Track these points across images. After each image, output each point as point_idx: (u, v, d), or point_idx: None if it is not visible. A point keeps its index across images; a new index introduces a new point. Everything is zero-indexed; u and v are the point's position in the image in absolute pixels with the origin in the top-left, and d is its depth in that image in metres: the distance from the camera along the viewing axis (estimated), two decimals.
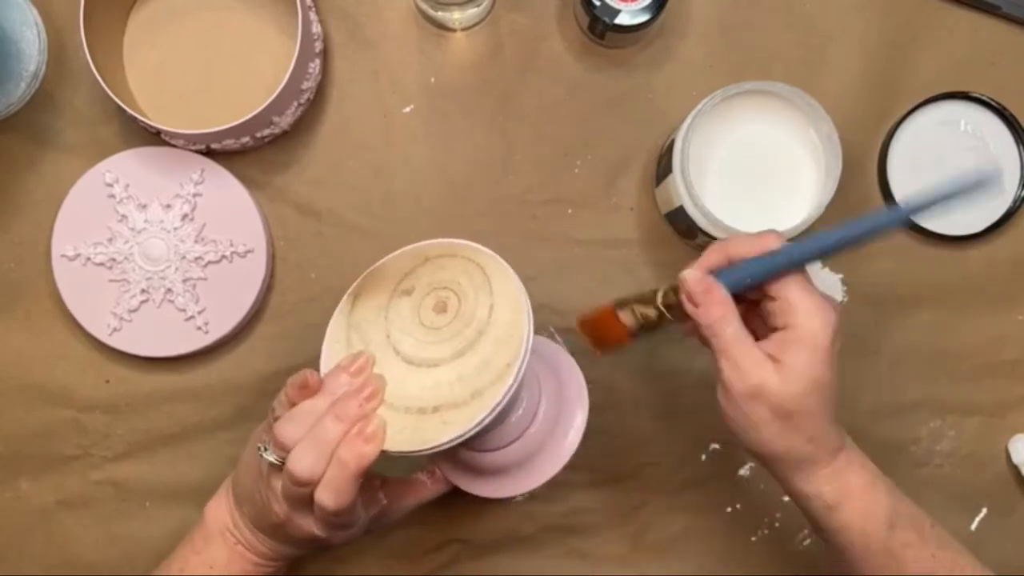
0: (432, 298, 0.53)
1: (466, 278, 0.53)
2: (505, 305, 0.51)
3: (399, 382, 0.51)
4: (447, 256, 0.55)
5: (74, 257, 0.66)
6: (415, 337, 0.52)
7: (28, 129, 0.68)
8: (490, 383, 0.49)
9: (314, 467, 0.49)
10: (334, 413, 0.50)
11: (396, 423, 0.50)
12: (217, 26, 0.67)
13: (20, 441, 0.69)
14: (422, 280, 0.55)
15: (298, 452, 0.49)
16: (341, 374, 0.52)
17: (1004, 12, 0.68)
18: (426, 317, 0.53)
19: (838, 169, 0.60)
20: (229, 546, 0.56)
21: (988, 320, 0.69)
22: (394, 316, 0.54)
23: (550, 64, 0.68)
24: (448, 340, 0.51)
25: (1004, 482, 0.70)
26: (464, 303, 0.52)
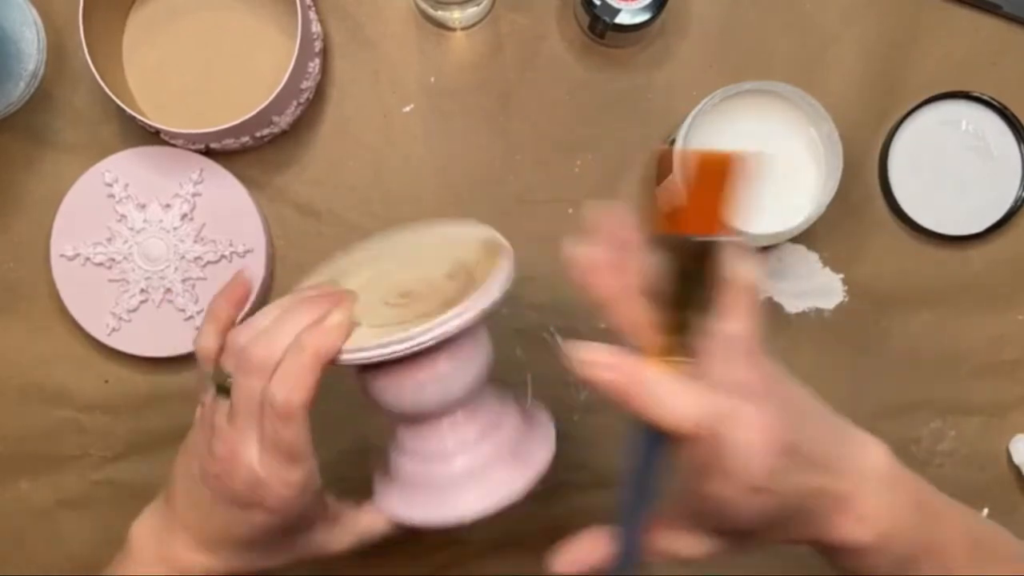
0: (394, 288, 0.51)
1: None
2: (481, 253, 0.51)
3: None
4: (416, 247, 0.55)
5: (73, 257, 0.66)
6: (379, 315, 0.49)
7: (27, 129, 0.68)
8: (461, 293, 0.47)
9: (271, 350, 0.45)
10: (299, 303, 0.46)
11: (359, 332, 0.47)
12: (217, 26, 0.67)
13: (20, 441, 0.69)
14: (385, 276, 0.53)
15: (254, 340, 0.45)
16: (309, 289, 0.50)
17: (1005, 12, 0.67)
18: (392, 300, 0.50)
19: (839, 169, 0.60)
20: (147, 568, 0.51)
21: (988, 320, 0.69)
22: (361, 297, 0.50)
23: (550, 64, 0.68)
24: (414, 309, 0.48)
25: (1005, 482, 0.70)
26: (435, 290, 0.49)
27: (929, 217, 0.68)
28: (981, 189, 0.68)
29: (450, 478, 0.50)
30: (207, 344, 0.49)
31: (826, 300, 0.69)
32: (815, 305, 0.69)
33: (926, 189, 0.68)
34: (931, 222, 0.67)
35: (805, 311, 0.69)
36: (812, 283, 0.69)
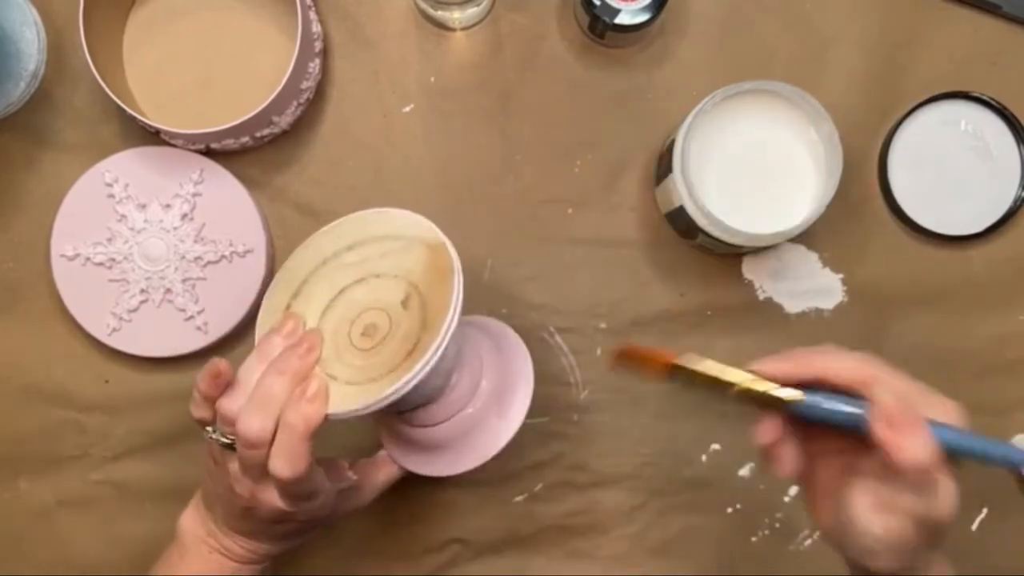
0: (359, 324, 0.53)
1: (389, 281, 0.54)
2: (431, 269, 0.52)
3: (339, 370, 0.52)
4: (360, 244, 0.56)
5: (73, 257, 0.66)
6: (350, 364, 0.52)
7: (27, 129, 0.68)
8: (425, 340, 0.50)
9: (262, 426, 0.48)
10: (274, 368, 0.50)
11: (337, 390, 0.50)
12: (217, 26, 0.67)
13: (20, 441, 0.69)
14: (346, 296, 0.55)
15: (244, 414, 0.49)
16: (274, 337, 0.52)
17: (1004, 12, 0.67)
18: (357, 341, 0.53)
19: (839, 169, 0.60)
20: (204, 556, 0.56)
21: (988, 320, 0.69)
22: (328, 337, 0.53)
23: (550, 64, 0.68)
24: (380, 354, 0.51)
25: (1005, 482, 0.69)
26: (393, 323, 0.52)
27: (929, 217, 0.68)
28: (981, 189, 0.68)
29: (448, 439, 0.56)
30: (202, 415, 0.52)
31: (826, 300, 0.69)
32: (815, 305, 0.69)
33: (926, 189, 0.68)
34: (931, 222, 0.67)
35: (805, 311, 0.69)
36: (812, 283, 0.69)
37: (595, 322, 0.69)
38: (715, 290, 0.69)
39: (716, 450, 0.69)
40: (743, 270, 0.69)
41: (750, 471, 0.69)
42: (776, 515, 0.69)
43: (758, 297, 0.69)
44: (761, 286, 0.69)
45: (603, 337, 0.69)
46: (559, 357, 0.69)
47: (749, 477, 0.69)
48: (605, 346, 0.69)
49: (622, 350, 0.51)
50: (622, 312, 0.69)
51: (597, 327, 0.69)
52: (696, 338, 0.69)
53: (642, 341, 0.68)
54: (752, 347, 0.69)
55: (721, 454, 0.69)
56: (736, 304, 0.69)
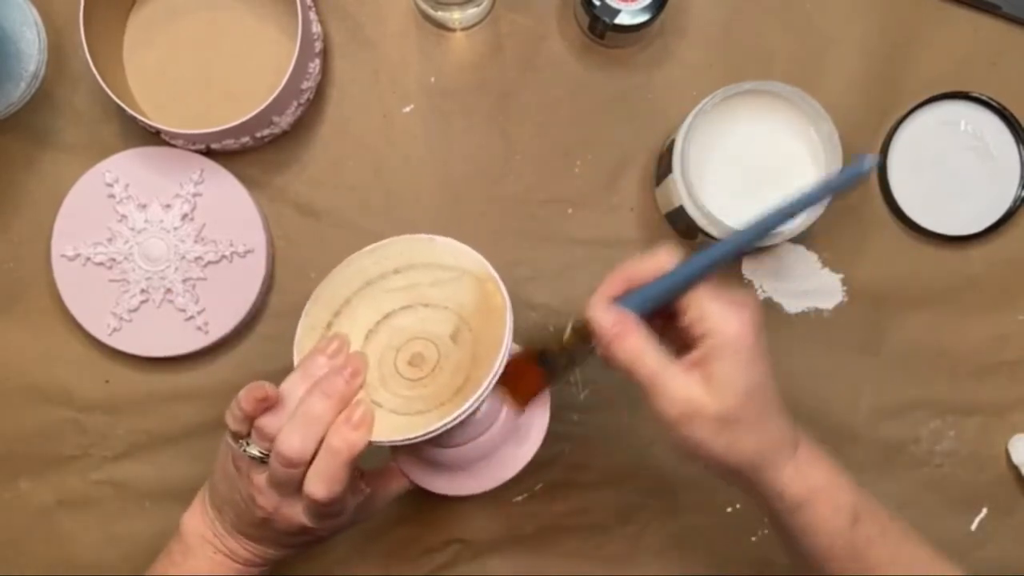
0: (405, 352, 0.53)
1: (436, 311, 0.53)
2: (481, 304, 0.52)
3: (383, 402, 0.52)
4: (407, 269, 0.55)
5: (74, 257, 0.66)
6: (396, 393, 0.52)
7: (28, 129, 0.68)
8: (476, 376, 0.49)
9: (303, 446, 0.49)
10: (320, 390, 0.49)
11: (381, 417, 0.50)
12: (217, 26, 0.67)
13: (20, 441, 0.69)
14: (391, 322, 0.54)
15: (286, 432, 0.49)
16: (318, 356, 0.52)
17: (1004, 12, 0.68)
18: (403, 370, 0.53)
19: (838, 169, 0.60)
20: (208, 556, 0.56)
21: (988, 320, 0.69)
22: (373, 363, 0.53)
23: (550, 64, 0.68)
24: (429, 386, 0.51)
25: (1004, 482, 0.70)
26: (442, 356, 0.52)
27: (928, 217, 0.68)
28: (980, 189, 0.68)
29: (466, 460, 0.56)
30: (237, 428, 0.52)
31: (825, 300, 0.69)
32: (814, 305, 0.69)
33: (925, 189, 0.68)
34: (930, 222, 0.68)
35: (805, 311, 0.69)
36: (811, 283, 0.69)
37: None
38: None
39: None
40: (743, 270, 0.69)
41: None
42: None
43: (758, 297, 0.69)
44: (761, 286, 0.69)
45: None
46: None
47: None
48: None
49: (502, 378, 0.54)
50: None
51: None
52: None
53: None
54: None
55: None
56: None
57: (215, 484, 0.56)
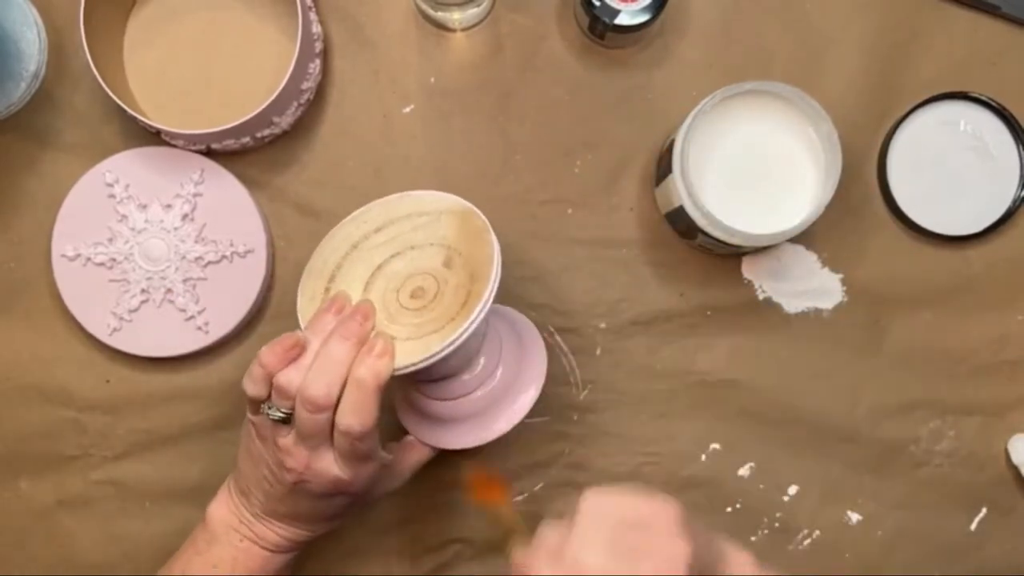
0: (406, 289, 0.55)
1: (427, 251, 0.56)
2: (463, 231, 0.56)
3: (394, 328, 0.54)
4: (387, 225, 0.58)
5: (74, 257, 0.66)
6: (407, 324, 0.54)
7: (28, 129, 0.68)
8: (477, 288, 0.53)
9: (330, 387, 0.50)
10: (337, 334, 0.51)
11: (398, 347, 0.52)
12: (217, 26, 0.67)
13: (20, 441, 0.69)
14: (385, 270, 0.57)
15: (311, 377, 0.50)
16: (325, 315, 0.53)
17: (1004, 12, 0.68)
18: (407, 303, 0.55)
19: (838, 169, 0.60)
20: (234, 543, 0.56)
21: (988, 320, 0.69)
22: (378, 306, 0.55)
23: (550, 64, 0.68)
24: (436, 309, 0.54)
25: (1004, 482, 0.70)
26: (441, 282, 0.55)
27: (928, 217, 0.68)
28: (980, 189, 0.68)
29: (476, 409, 0.58)
30: (257, 392, 0.53)
31: (825, 300, 0.69)
32: (814, 305, 0.69)
33: (925, 189, 0.68)
34: (930, 222, 0.68)
35: (804, 311, 0.69)
36: (811, 283, 0.69)
37: (595, 322, 0.69)
38: (715, 290, 0.69)
39: (716, 450, 0.69)
40: (743, 270, 0.69)
41: (750, 471, 0.69)
42: (776, 515, 0.69)
43: (758, 297, 0.69)
44: (761, 286, 0.69)
45: (603, 337, 0.69)
46: (559, 357, 0.69)
47: (749, 477, 0.69)
48: (605, 346, 0.69)
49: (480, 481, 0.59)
50: (622, 312, 0.69)
51: (597, 327, 0.69)
52: (696, 338, 0.69)
53: (642, 341, 0.69)
54: (752, 347, 0.69)
55: (721, 454, 0.69)
56: (736, 304, 0.69)
57: (239, 468, 0.56)
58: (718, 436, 0.69)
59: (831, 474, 0.69)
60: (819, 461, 0.69)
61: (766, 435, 0.69)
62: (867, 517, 0.69)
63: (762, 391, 0.69)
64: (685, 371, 0.69)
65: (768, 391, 0.69)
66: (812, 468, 0.69)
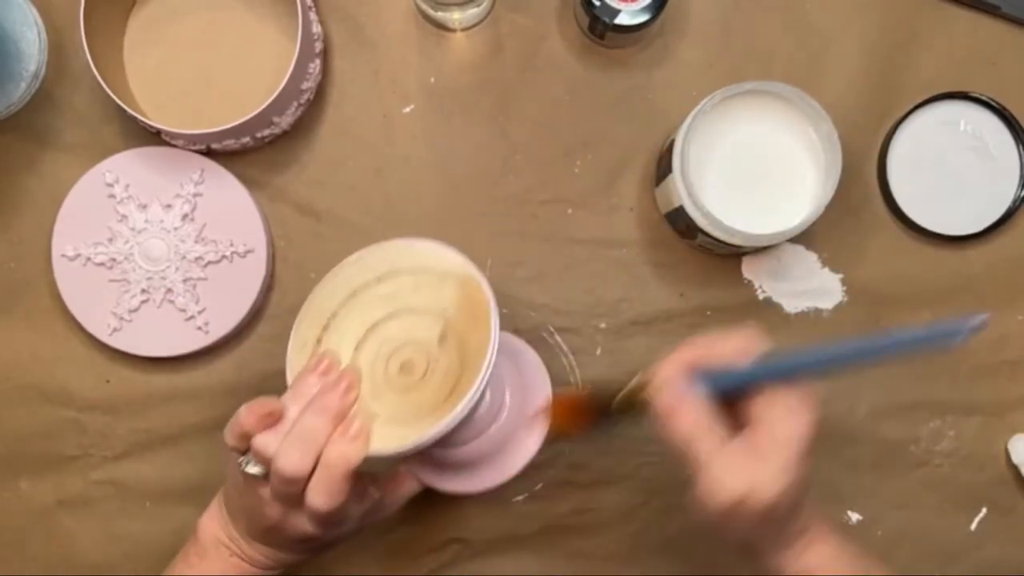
0: (395, 360, 0.53)
1: (422, 317, 0.53)
2: (465, 306, 0.52)
3: (380, 407, 0.52)
4: (390, 276, 0.55)
5: (74, 257, 0.66)
6: (389, 402, 0.52)
7: (28, 129, 0.68)
8: (465, 380, 0.49)
9: (301, 463, 0.48)
10: (313, 407, 0.49)
11: (377, 428, 0.50)
12: (217, 26, 0.67)
13: (20, 441, 0.69)
14: (379, 332, 0.54)
15: (283, 450, 0.49)
16: (309, 376, 0.52)
17: (1004, 12, 0.68)
18: (394, 378, 0.52)
19: (838, 169, 0.60)
20: (224, 559, 0.56)
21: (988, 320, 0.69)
22: (365, 374, 0.53)
23: (550, 64, 0.68)
24: (421, 392, 0.51)
25: (1004, 482, 0.70)
26: (431, 361, 0.52)
27: (928, 217, 0.68)
28: (980, 189, 0.68)
29: (472, 458, 0.57)
30: (235, 445, 0.52)
31: (825, 300, 0.69)
32: (814, 305, 0.69)
33: (925, 189, 0.68)
34: (930, 222, 0.68)
35: (804, 311, 0.69)
36: (811, 283, 0.69)
37: (595, 322, 0.69)
38: (715, 290, 0.69)
39: None
40: (743, 270, 0.69)
41: None
42: None
43: (758, 297, 0.69)
44: (761, 286, 0.69)
45: (603, 337, 0.69)
46: (559, 357, 0.69)
47: None
48: (605, 346, 0.69)
49: (545, 407, 0.56)
50: (622, 312, 0.69)
51: (597, 327, 0.69)
52: None
53: (641, 341, 0.69)
54: None
55: None
56: (736, 304, 0.69)
57: (228, 491, 0.56)
58: None
59: (831, 474, 0.69)
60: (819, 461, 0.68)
61: None
62: (867, 517, 0.69)
63: None
64: None
65: None
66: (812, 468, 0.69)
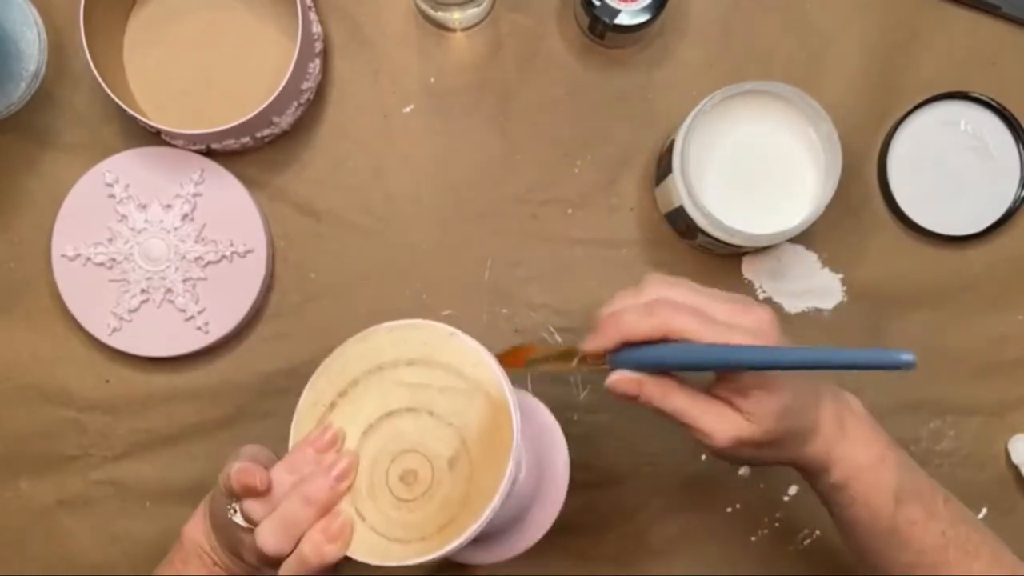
0: (399, 464, 0.50)
1: (432, 428, 0.50)
2: (486, 435, 0.49)
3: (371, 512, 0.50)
4: (422, 363, 0.52)
5: (74, 257, 0.66)
6: (381, 510, 0.50)
7: (28, 129, 0.68)
8: (462, 520, 0.47)
9: (280, 547, 0.48)
10: (302, 494, 0.48)
11: (361, 533, 0.49)
12: (217, 26, 0.67)
13: (20, 441, 0.69)
14: (393, 422, 0.51)
15: (265, 529, 0.48)
16: (307, 448, 0.50)
17: (1004, 12, 0.68)
18: (394, 485, 0.50)
19: (838, 169, 0.60)
20: (207, 567, 0.56)
21: (988, 320, 0.69)
22: (365, 467, 0.50)
23: (550, 64, 0.68)
24: (415, 513, 0.49)
25: (1004, 482, 0.70)
26: (435, 481, 0.49)
27: (928, 217, 0.68)
28: (980, 189, 0.68)
29: (494, 529, 0.55)
30: (226, 492, 0.51)
31: (825, 300, 0.69)
32: (814, 305, 0.69)
33: (925, 189, 0.68)
34: (930, 222, 0.68)
35: (804, 311, 0.69)
36: (811, 283, 0.69)
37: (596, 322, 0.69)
38: None
39: None
40: (743, 270, 0.69)
41: (750, 471, 0.69)
42: (776, 515, 0.69)
43: (758, 297, 0.69)
44: (761, 286, 0.69)
45: None
46: None
47: (749, 477, 0.69)
48: None
49: (500, 355, 0.55)
50: None
51: None
52: None
53: None
54: None
55: None
56: None
57: (213, 506, 0.56)
58: None
59: None
60: None
61: None
62: None
63: None
64: None
65: None
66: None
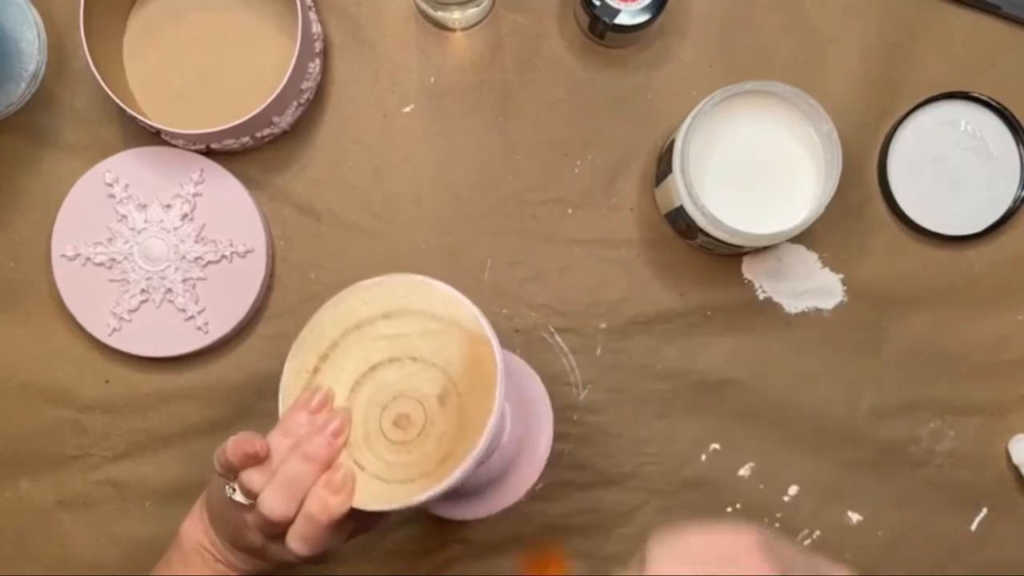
0: (391, 411, 0.51)
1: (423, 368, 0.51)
2: (470, 367, 0.49)
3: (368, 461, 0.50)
4: (397, 315, 0.52)
5: (74, 257, 0.66)
6: (379, 456, 0.50)
7: (28, 129, 0.68)
8: (460, 450, 0.48)
9: (285, 510, 0.48)
10: (301, 453, 0.48)
11: (363, 483, 0.49)
12: (217, 26, 0.67)
13: (20, 441, 0.69)
14: (378, 375, 0.51)
15: (268, 495, 0.48)
16: (300, 412, 0.50)
17: (1004, 12, 0.68)
18: (388, 431, 0.50)
19: (838, 169, 0.60)
20: (209, 565, 0.55)
21: (988, 320, 0.69)
22: (358, 419, 0.51)
23: (550, 64, 0.68)
24: (413, 453, 0.50)
25: (1004, 482, 0.70)
26: (428, 420, 0.50)
27: (928, 217, 0.68)
28: (980, 189, 0.68)
29: (478, 484, 0.56)
30: (222, 472, 0.51)
31: (825, 300, 0.69)
32: (814, 305, 0.69)
33: (925, 189, 0.68)
34: (930, 222, 0.68)
35: (805, 311, 0.69)
36: (812, 283, 0.69)
37: (595, 322, 0.69)
38: (715, 290, 0.69)
39: (716, 450, 0.69)
40: (743, 270, 0.69)
41: (750, 471, 0.69)
42: (776, 515, 0.69)
43: (758, 297, 0.69)
44: (761, 286, 0.69)
45: (603, 337, 0.69)
46: (559, 357, 0.69)
47: (749, 477, 0.69)
48: (605, 346, 0.69)
49: None
50: (622, 312, 0.69)
51: (597, 327, 0.69)
52: (696, 338, 0.69)
53: (642, 341, 0.69)
54: (752, 347, 0.69)
55: (721, 454, 0.69)
56: (736, 304, 0.69)
57: (211, 501, 0.55)
58: (718, 436, 0.69)
59: (831, 474, 0.69)
60: (819, 461, 0.69)
61: (766, 435, 0.69)
62: (867, 517, 0.69)
63: (762, 391, 0.69)
64: (685, 371, 0.69)
65: (768, 391, 0.69)
66: (812, 468, 0.69)
